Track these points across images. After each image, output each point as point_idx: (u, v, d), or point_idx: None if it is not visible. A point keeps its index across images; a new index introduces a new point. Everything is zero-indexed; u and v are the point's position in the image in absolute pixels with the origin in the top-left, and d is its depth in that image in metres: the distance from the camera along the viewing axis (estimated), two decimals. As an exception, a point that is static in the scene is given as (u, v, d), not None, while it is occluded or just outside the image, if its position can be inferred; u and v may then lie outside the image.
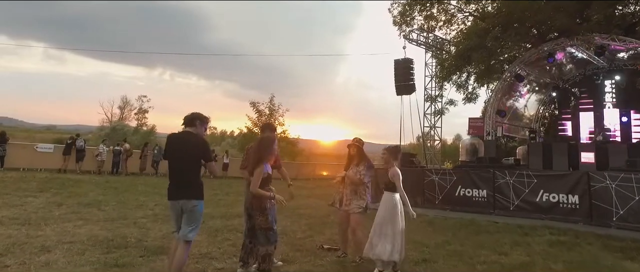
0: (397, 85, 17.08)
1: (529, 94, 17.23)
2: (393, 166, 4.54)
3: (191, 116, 3.80)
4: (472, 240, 6.44)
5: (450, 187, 10.02)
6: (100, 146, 16.90)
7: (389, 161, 4.60)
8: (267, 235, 3.79)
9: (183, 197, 3.56)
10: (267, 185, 3.90)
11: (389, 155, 4.62)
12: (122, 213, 7.52)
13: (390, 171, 4.50)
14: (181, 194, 3.57)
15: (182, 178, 3.64)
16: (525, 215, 8.48)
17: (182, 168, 3.65)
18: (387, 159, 4.62)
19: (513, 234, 6.95)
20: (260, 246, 3.79)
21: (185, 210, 3.57)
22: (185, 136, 3.75)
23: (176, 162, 3.69)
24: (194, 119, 3.78)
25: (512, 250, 5.74)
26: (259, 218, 3.80)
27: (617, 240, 6.43)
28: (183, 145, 3.69)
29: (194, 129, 3.76)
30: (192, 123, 3.77)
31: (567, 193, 8.07)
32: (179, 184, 3.61)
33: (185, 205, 3.56)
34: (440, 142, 20.30)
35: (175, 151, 3.71)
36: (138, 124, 45.22)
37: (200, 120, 3.81)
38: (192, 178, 3.64)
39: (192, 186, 3.62)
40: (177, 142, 3.74)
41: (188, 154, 3.66)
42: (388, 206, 4.45)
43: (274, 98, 27.20)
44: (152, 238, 5.51)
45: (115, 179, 14.34)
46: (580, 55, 14.74)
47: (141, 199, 9.70)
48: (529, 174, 8.71)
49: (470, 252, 5.58)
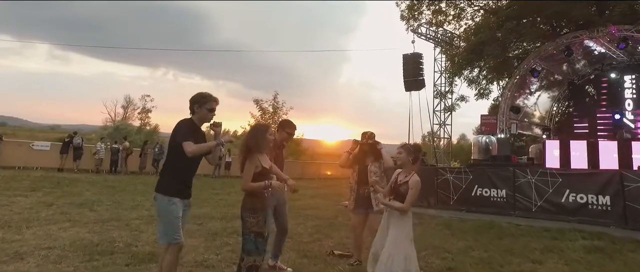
0: (406, 81, 16.46)
1: (541, 90, 16.52)
2: (412, 171, 3.54)
3: (190, 101, 3.24)
4: (496, 245, 5.84)
5: (466, 187, 9.41)
6: (98, 144, 16.40)
7: (407, 163, 3.57)
8: (256, 242, 3.17)
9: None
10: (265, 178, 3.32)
11: (407, 155, 3.57)
12: (115, 214, 6.97)
13: (411, 178, 3.47)
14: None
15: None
16: (549, 217, 7.85)
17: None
18: (404, 161, 3.59)
19: (541, 238, 6.33)
20: (246, 255, 3.14)
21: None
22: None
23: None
24: (191, 105, 3.23)
25: (545, 257, 5.13)
26: (249, 219, 3.19)
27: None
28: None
29: (193, 117, 3.23)
30: (192, 109, 3.23)
31: (596, 193, 7.44)
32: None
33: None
34: (449, 139, 19.64)
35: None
36: (141, 123, 45.11)
37: (197, 104, 3.20)
38: (162, 169, 3.26)
39: (159, 178, 3.20)
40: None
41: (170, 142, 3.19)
42: (403, 224, 3.48)
43: (277, 96, 26.66)
44: (143, 243, 4.94)
45: (113, 178, 13.82)
46: (598, 50, 14.07)
47: (138, 199, 9.14)
48: (553, 172, 8.09)
49: (498, 259, 4.98)
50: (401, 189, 3.52)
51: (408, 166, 3.57)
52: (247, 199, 3.25)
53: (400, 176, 3.61)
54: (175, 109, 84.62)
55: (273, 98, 26.56)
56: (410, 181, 3.45)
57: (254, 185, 3.21)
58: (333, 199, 11.93)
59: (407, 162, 3.57)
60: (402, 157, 3.61)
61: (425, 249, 5.46)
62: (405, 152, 3.60)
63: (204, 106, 3.20)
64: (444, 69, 18.31)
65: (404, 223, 3.47)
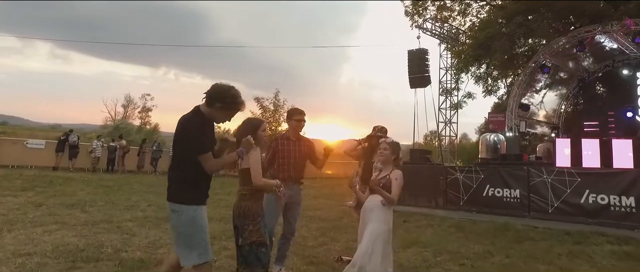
0: (410, 78, 16.01)
1: (550, 87, 16.08)
2: (391, 167, 3.42)
3: (212, 91, 2.59)
4: (517, 249, 5.40)
5: (477, 187, 8.97)
6: (94, 142, 15.98)
7: (389, 162, 3.44)
8: (258, 253, 2.75)
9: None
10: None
11: (392, 153, 3.43)
12: (108, 215, 6.55)
13: (392, 172, 3.37)
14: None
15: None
16: (567, 219, 7.42)
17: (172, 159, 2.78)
18: (387, 159, 3.44)
19: (563, 243, 5.90)
20: (247, 268, 2.73)
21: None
22: (185, 116, 2.62)
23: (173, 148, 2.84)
24: (210, 98, 2.58)
25: (573, 263, 4.71)
26: (247, 228, 2.77)
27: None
28: (179, 126, 2.61)
29: (207, 111, 2.59)
30: (208, 102, 2.59)
31: (619, 194, 7.00)
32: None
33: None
34: (455, 138, 19.18)
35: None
36: (141, 122, 44.84)
37: (221, 102, 2.57)
38: (171, 174, 2.66)
39: (169, 184, 2.62)
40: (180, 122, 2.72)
41: (177, 138, 2.61)
42: (384, 219, 3.33)
43: (279, 93, 26.18)
44: (134, 248, 4.52)
45: (109, 177, 13.41)
46: (609, 46, 13.63)
47: (133, 199, 8.73)
48: (571, 171, 7.65)
49: (522, 266, 4.55)
50: (382, 182, 3.34)
51: (389, 163, 3.43)
52: (242, 203, 2.83)
53: (380, 173, 3.42)
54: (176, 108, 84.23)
55: (274, 96, 26.12)
56: (392, 174, 3.33)
57: (269, 182, 2.82)
58: (336, 200, 11.48)
59: (389, 161, 3.43)
60: (386, 154, 3.42)
61: (440, 254, 5.05)
62: (390, 150, 3.43)
63: (228, 109, 2.62)
64: (450, 65, 17.86)
65: (385, 218, 3.31)
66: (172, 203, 2.52)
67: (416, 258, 4.84)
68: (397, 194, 3.30)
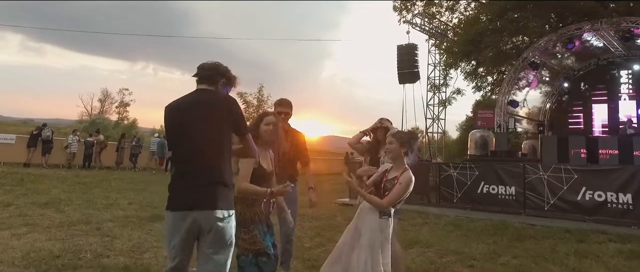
0: (399, 73, 15.83)
1: (538, 84, 16.16)
2: (404, 165, 2.88)
3: (211, 69, 2.27)
4: (521, 249, 5.21)
5: (472, 184, 8.81)
6: (70, 137, 15.15)
7: (399, 156, 2.89)
8: (259, 262, 2.43)
9: (199, 205, 2.06)
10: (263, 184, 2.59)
11: (399, 146, 2.89)
12: (86, 215, 6.05)
13: (402, 174, 2.80)
14: (196, 198, 2.07)
15: (198, 169, 2.11)
16: (563, 216, 7.32)
17: (198, 150, 2.12)
18: (396, 153, 2.89)
19: (566, 241, 5.75)
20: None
21: (205, 229, 2.06)
22: (200, 96, 2.22)
23: (186, 142, 2.15)
24: (214, 75, 2.25)
25: (584, 264, 4.53)
26: (240, 236, 2.42)
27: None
28: (197, 110, 2.16)
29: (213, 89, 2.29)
30: (212, 80, 2.24)
31: (617, 191, 6.93)
32: (193, 179, 2.10)
33: (204, 220, 2.06)
34: (443, 134, 19.13)
35: (184, 123, 2.18)
36: (119, 117, 43.57)
37: (226, 78, 2.29)
38: (216, 168, 2.11)
39: (218, 184, 2.10)
40: (185, 108, 2.21)
41: (208, 124, 2.13)
42: (382, 225, 2.80)
43: (262, 88, 25.68)
44: (117, 252, 4.08)
45: (86, 174, 12.69)
46: (596, 44, 13.75)
47: (113, 196, 8.20)
48: (568, 168, 7.55)
49: (533, 267, 4.34)
50: (387, 185, 2.82)
51: (400, 159, 2.89)
52: (237, 208, 2.46)
53: (389, 172, 2.90)
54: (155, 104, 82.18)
55: (258, 91, 25.61)
56: (401, 176, 2.79)
57: (254, 188, 2.45)
58: (326, 197, 11.16)
59: (399, 154, 2.88)
60: (393, 148, 2.90)
61: (445, 255, 4.81)
62: (397, 142, 2.89)
63: (228, 87, 2.36)
64: (438, 61, 17.78)
65: (382, 225, 2.78)
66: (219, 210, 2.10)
67: (421, 259, 4.59)
68: (392, 200, 2.75)
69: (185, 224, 2.07)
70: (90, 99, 45.18)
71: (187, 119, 2.17)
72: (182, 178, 2.12)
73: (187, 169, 2.13)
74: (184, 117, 2.18)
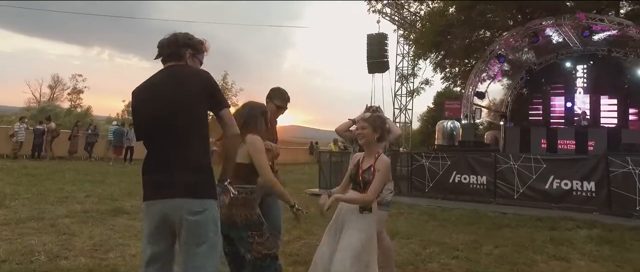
0: (369, 62, 15.77)
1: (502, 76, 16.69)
2: (377, 150, 2.69)
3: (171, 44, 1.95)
4: (501, 238, 5.27)
5: (444, 173, 8.89)
6: (17, 125, 13.86)
7: (372, 142, 2.68)
8: (276, 267, 2.24)
9: (175, 193, 1.78)
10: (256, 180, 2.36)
11: (372, 131, 2.67)
12: (37, 211, 5.46)
13: (377, 160, 2.61)
14: (161, 184, 1.81)
15: (166, 152, 1.84)
16: (531, 204, 7.54)
17: (166, 131, 1.85)
18: (369, 139, 2.68)
19: (539, 229, 5.89)
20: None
21: (182, 221, 1.78)
22: (168, 73, 1.94)
23: (153, 123, 1.88)
24: (179, 46, 1.95)
25: (562, 251, 4.61)
26: (255, 240, 2.19)
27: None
28: (165, 87, 1.89)
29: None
30: (178, 53, 1.95)
31: (581, 180, 7.20)
32: (160, 163, 1.85)
33: (179, 210, 1.78)
34: (411, 124, 19.41)
35: (150, 103, 1.90)
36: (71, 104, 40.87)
37: (191, 48, 1.99)
38: (193, 151, 1.83)
39: (195, 170, 1.82)
40: (152, 88, 1.93)
41: (183, 102, 1.84)
42: (368, 222, 2.59)
43: (227, 75, 24.93)
44: (76, 252, 3.64)
45: (35, 165, 11.68)
46: (557, 39, 14.31)
47: (67, 189, 7.52)
48: (538, 158, 7.76)
49: (516, 256, 4.35)
50: (365, 176, 2.61)
51: (373, 145, 2.69)
52: (236, 211, 2.20)
53: (363, 162, 2.69)
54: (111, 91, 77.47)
55: (222, 78, 24.83)
56: (377, 162, 2.59)
57: (282, 190, 2.31)
58: (293, 187, 10.92)
59: (372, 140, 2.67)
60: (366, 134, 2.68)
61: (428, 246, 4.74)
62: (370, 127, 2.67)
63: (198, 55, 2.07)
64: (407, 52, 17.89)
65: (368, 221, 2.57)
66: (197, 199, 1.80)
67: (405, 251, 4.49)
68: (376, 190, 2.55)
69: (155, 217, 1.82)
70: (38, 84, 41.96)
71: (154, 98, 1.90)
72: (148, 163, 1.89)
73: (154, 153, 1.89)
74: (150, 97, 1.92)
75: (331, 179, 10.99)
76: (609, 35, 12.73)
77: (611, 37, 12.78)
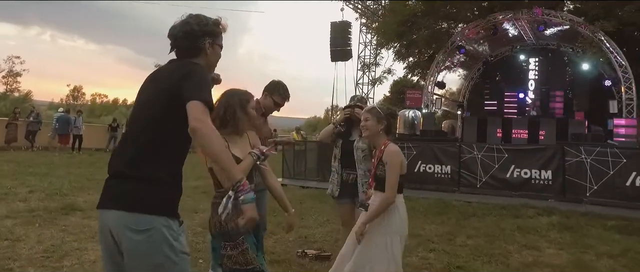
0: (332, 50, 15.62)
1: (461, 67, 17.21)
2: (385, 143, 2.58)
3: (189, 33, 1.63)
4: (471, 228, 5.38)
5: (409, 163, 8.96)
6: (-58, 110, 12.36)
7: (376, 134, 2.60)
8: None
9: (112, 204, 1.52)
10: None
11: (376, 123, 2.58)
12: (-30, 210, 4.82)
13: (385, 151, 2.51)
14: (107, 194, 1.56)
15: (120, 156, 1.59)
16: (493, 192, 7.81)
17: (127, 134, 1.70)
18: (373, 131, 2.60)
19: (504, 217, 6.10)
20: None
21: (115, 236, 1.50)
22: (159, 70, 1.72)
23: (128, 127, 1.76)
24: (197, 38, 1.64)
25: (530, 239, 4.77)
26: (227, 252, 1.94)
27: (608, 218, 5.95)
28: (147, 84, 1.69)
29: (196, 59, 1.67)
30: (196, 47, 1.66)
31: (540, 168, 7.55)
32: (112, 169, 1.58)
33: (112, 223, 1.50)
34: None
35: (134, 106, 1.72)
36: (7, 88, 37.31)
37: (209, 35, 1.67)
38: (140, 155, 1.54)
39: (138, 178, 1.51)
40: (142, 87, 1.71)
41: (146, 100, 1.63)
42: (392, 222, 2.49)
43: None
44: (24, 260, 3.21)
45: (-34, 156, 10.49)
46: (513, 32, 14.92)
47: (6, 184, 6.76)
48: (500, 148, 8.04)
49: (490, 248, 4.42)
50: (378, 172, 2.56)
51: (378, 137, 2.61)
52: (215, 217, 1.95)
53: (373, 156, 2.68)
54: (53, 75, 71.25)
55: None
56: (384, 154, 2.51)
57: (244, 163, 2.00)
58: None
59: (376, 132, 2.60)
60: (369, 126, 2.61)
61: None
62: (373, 119, 2.59)
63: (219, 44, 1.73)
64: (369, 40, 17.91)
65: (391, 221, 2.48)
66: (134, 213, 1.47)
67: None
68: (392, 185, 2.44)
69: (102, 228, 1.57)
70: (-34, 66, 37.78)
71: (137, 97, 1.69)
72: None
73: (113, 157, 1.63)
74: (137, 96, 1.70)
75: (295, 168, 10.83)
76: (559, 31, 13.46)
77: (561, 32, 13.52)
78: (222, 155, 1.50)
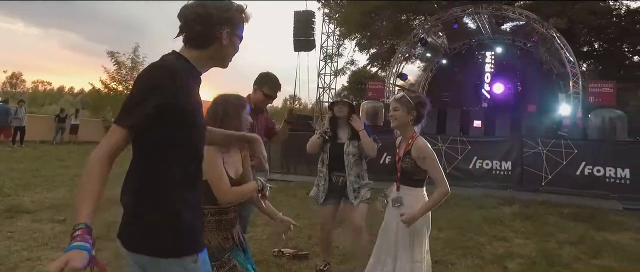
0: (295, 40, 15.37)
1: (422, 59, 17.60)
2: (413, 135, 2.45)
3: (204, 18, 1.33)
4: (441, 220, 5.34)
5: (376, 155, 9.05)
6: None
7: (406, 124, 2.45)
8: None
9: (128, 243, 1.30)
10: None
11: (406, 113, 2.41)
12: None
13: (413, 144, 2.39)
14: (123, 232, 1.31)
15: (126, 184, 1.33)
16: (456, 183, 7.92)
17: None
18: (402, 121, 2.44)
19: (470, 208, 6.27)
20: None
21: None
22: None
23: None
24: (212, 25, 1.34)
25: (497, 231, 4.93)
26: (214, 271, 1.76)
27: (563, 206, 6.34)
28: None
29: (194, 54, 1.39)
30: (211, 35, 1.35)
31: (500, 160, 7.87)
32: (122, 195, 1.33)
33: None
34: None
35: None
36: None
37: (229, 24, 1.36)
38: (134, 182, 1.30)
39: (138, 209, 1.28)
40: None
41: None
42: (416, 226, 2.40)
43: (138, 48, 22.39)
44: None
45: None
46: (472, 26, 15.44)
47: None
48: (464, 140, 8.29)
49: (463, 240, 4.51)
50: (404, 165, 2.47)
51: (408, 128, 2.47)
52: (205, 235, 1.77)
53: (399, 148, 2.57)
54: (-14, 59, 64.35)
55: (133, 51, 22.23)
56: (413, 149, 2.40)
57: (242, 189, 1.79)
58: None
59: (406, 122, 2.44)
60: (398, 116, 2.44)
61: (375, 234, 4.71)
62: (402, 109, 2.41)
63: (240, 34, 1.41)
64: (332, 31, 17.80)
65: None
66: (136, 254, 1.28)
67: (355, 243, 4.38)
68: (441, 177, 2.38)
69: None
70: None
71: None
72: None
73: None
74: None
75: (269, 162, 10.60)
76: (514, 25, 14.10)
77: (516, 27, 14.18)
78: (85, 186, 1.14)
